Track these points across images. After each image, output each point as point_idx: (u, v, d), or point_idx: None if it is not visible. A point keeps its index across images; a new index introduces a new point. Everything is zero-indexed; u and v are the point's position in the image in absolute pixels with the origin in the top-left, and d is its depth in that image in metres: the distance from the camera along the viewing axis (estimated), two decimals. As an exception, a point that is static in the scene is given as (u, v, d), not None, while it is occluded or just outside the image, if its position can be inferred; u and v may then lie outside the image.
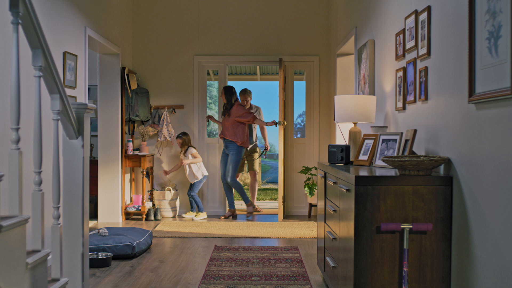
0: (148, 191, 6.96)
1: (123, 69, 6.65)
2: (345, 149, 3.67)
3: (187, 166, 6.91)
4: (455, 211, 2.60)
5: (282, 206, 6.83)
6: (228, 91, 6.97)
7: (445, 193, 2.62)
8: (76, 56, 5.07)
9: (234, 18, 7.32)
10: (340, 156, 3.69)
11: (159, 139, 7.09)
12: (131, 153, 6.76)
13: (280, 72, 6.77)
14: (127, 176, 6.98)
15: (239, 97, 7.15)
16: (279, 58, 6.94)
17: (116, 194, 6.60)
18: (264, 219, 6.90)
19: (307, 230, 6.01)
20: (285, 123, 7.00)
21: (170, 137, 7.10)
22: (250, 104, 7.30)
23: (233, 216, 7.02)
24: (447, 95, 2.74)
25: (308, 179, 6.93)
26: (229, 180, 6.85)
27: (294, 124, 7.58)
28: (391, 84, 3.96)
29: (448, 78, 2.73)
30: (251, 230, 5.99)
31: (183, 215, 7.03)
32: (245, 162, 7.56)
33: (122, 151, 6.68)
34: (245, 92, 7.25)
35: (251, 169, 7.57)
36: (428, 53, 3.03)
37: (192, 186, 6.95)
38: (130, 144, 6.77)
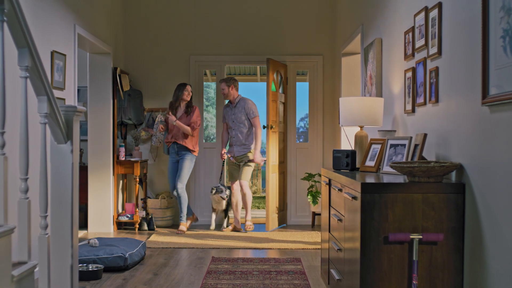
0: (142, 199, 6.96)
1: (114, 69, 6.66)
2: (351, 154, 3.67)
3: None
4: (467, 220, 2.59)
5: (277, 215, 6.83)
6: (177, 88, 6.66)
7: (457, 201, 2.62)
8: (64, 55, 5.08)
9: (233, 15, 7.33)
10: (346, 161, 3.70)
11: (152, 143, 7.09)
12: (123, 158, 6.76)
13: (270, 73, 6.66)
14: (119, 183, 6.98)
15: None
16: (266, 58, 6.78)
17: (107, 202, 6.60)
18: (264, 229, 6.89)
19: (310, 240, 6.01)
20: (273, 126, 6.78)
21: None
22: (239, 95, 6.67)
23: (194, 220, 6.88)
24: (459, 97, 2.74)
25: (312, 186, 6.92)
26: (179, 186, 6.48)
27: (297, 128, 7.56)
28: (399, 85, 3.96)
29: (460, 79, 2.73)
30: (250, 240, 5.99)
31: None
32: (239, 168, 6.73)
33: (114, 156, 6.68)
34: (221, 82, 6.68)
35: (240, 178, 6.61)
36: (439, 52, 3.04)
37: None
38: (122, 149, 6.77)
